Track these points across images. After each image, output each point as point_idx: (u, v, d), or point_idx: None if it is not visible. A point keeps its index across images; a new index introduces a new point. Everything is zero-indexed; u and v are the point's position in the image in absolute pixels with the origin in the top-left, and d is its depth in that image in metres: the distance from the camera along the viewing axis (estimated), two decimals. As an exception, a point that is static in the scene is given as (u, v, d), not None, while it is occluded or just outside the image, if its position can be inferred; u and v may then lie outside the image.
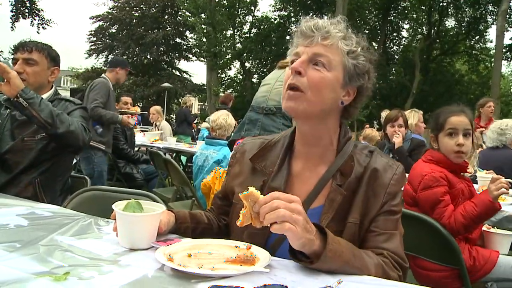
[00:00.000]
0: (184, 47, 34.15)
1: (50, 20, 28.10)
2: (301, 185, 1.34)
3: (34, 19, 27.47)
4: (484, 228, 2.44)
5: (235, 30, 33.32)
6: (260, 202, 1.02)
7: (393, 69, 34.92)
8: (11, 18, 26.50)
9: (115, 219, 1.23)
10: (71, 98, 2.53)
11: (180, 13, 32.33)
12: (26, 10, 27.09)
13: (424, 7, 32.16)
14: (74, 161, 6.28)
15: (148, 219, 1.21)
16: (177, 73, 33.74)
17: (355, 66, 1.27)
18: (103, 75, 5.07)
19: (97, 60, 32.77)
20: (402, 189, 1.34)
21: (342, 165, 1.29)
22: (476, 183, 3.08)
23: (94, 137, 4.66)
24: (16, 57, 2.34)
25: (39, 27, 27.50)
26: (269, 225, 1.01)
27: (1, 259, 1.06)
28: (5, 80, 2.01)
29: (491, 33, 33.68)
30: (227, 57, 31.52)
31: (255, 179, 1.37)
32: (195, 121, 13.31)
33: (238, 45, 33.31)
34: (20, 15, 26.94)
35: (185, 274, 1.00)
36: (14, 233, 1.30)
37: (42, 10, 27.52)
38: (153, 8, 31.84)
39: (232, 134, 3.83)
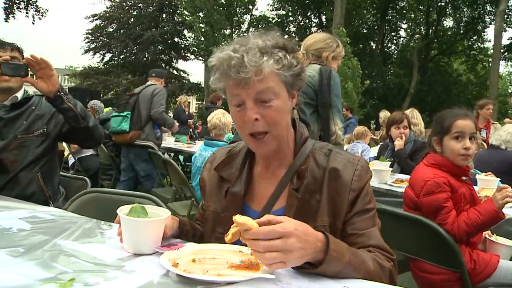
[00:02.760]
0: (182, 46, 34.04)
1: (46, 10, 27.29)
2: (261, 189, 1.36)
3: (29, 10, 26.64)
4: (486, 235, 2.43)
5: (233, 29, 33.21)
6: (250, 246, 1.02)
7: (391, 68, 34.93)
8: (4, 10, 25.84)
9: (119, 224, 1.23)
10: None
11: (178, 12, 32.21)
12: (22, 3, 26.55)
13: (422, 7, 32.18)
14: (73, 160, 6.30)
15: (154, 225, 1.21)
16: (175, 72, 33.62)
17: (292, 75, 1.25)
18: (151, 82, 5.35)
19: (93, 58, 32.63)
20: (369, 182, 1.32)
21: (299, 167, 1.30)
22: (475, 184, 3.08)
23: (153, 140, 5.18)
24: None
25: (34, 18, 26.72)
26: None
27: (6, 264, 1.05)
28: (38, 77, 2.01)
29: (489, 33, 33.86)
30: (225, 56, 31.39)
31: (222, 186, 1.41)
32: (192, 121, 13.24)
33: (236, 44, 33.18)
34: (15, 8, 26.24)
35: (191, 280, 1.00)
36: (17, 237, 1.30)
37: (36, 0, 26.70)
38: (150, 7, 31.66)
39: (233, 135, 3.81)
